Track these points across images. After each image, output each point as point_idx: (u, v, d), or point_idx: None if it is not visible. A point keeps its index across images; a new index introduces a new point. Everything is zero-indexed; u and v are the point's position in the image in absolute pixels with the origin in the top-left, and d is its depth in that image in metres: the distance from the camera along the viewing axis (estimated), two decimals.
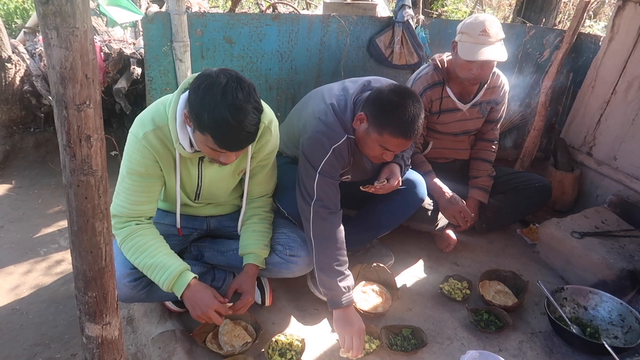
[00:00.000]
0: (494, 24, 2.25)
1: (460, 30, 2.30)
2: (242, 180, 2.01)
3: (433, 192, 2.47)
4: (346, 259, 2.00)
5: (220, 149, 1.57)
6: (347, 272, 1.99)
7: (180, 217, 1.97)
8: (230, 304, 1.85)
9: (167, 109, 1.68)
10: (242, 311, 1.90)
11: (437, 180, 2.50)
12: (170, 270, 1.72)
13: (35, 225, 2.97)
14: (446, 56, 2.49)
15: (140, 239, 1.75)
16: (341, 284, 1.95)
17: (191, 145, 1.69)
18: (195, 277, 1.78)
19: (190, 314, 1.78)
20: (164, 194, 1.91)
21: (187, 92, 1.65)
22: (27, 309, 2.28)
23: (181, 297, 1.76)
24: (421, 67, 2.57)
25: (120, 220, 1.77)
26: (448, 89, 2.47)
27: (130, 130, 1.72)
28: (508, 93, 2.62)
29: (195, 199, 1.96)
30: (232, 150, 1.61)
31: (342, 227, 2.01)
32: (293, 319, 2.10)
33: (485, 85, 2.48)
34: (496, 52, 2.24)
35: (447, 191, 2.47)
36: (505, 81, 2.56)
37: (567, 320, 2.04)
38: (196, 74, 1.68)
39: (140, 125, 1.69)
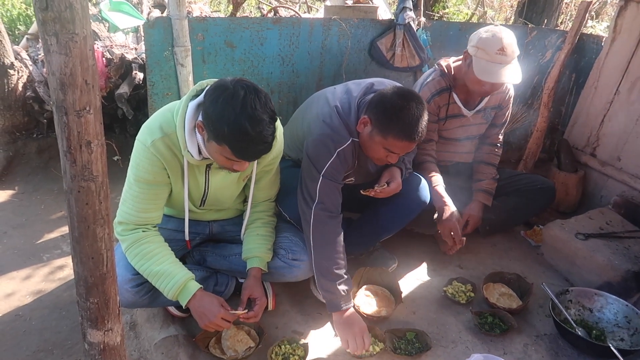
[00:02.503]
0: (511, 41, 2.21)
1: (477, 44, 2.24)
2: (245, 186, 2.01)
3: (436, 200, 2.42)
4: (345, 262, 2.00)
5: (237, 158, 1.59)
6: (346, 275, 1.99)
7: (182, 223, 1.97)
8: (245, 311, 1.85)
9: (174, 116, 1.68)
10: (258, 318, 1.89)
11: (442, 191, 2.44)
12: (175, 279, 1.72)
13: (38, 231, 2.97)
14: (452, 61, 2.46)
15: (147, 246, 1.75)
16: (340, 288, 1.94)
17: (199, 152, 1.69)
18: (200, 288, 1.78)
19: (198, 324, 1.78)
20: (169, 201, 1.90)
21: (197, 100, 1.65)
22: (30, 315, 2.28)
23: (186, 306, 1.76)
24: (427, 72, 2.55)
25: (127, 227, 1.76)
26: (454, 95, 2.45)
27: (137, 138, 1.72)
28: (513, 98, 2.60)
29: (200, 206, 1.96)
30: (249, 160, 1.66)
31: (342, 231, 2.01)
32: (296, 323, 2.09)
33: None
34: (513, 73, 2.22)
35: (450, 205, 2.41)
36: (510, 86, 2.53)
37: (573, 322, 2.03)
38: (205, 83, 1.70)
39: (148, 133, 1.69)
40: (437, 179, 2.46)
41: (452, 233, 2.40)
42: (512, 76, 2.22)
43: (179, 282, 1.73)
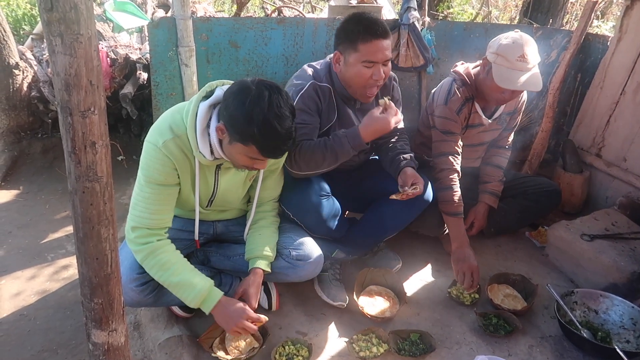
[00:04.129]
0: (532, 48, 2.17)
1: (497, 51, 2.19)
2: (250, 186, 2.02)
3: (454, 237, 2.35)
4: (318, 139, 2.02)
5: (263, 157, 1.63)
6: (327, 139, 2.00)
7: (187, 222, 1.98)
8: (266, 319, 1.87)
9: (184, 118, 1.69)
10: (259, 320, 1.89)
11: (462, 226, 2.38)
12: (198, 288, 1.74)
13: (43, 230, 2.98)
14: (472, 67, 2.39)
15: (163, 256, 1.75)
16: (341, 135, 1.98)
17: (211, 153, 1.71)
18: (223, 294, 1.80)
19: (225, 329, 1.79)
20: (177, 201, 1.90)
21: (208, 101, 1.66)
22: (35, 315, 2.29)
23: (210, 312, 1.78)
24: (447, 83, 2.43)
25: (142, 233, 1.74)
26: (476, 105, 2.41)
27: (147, 140, 1.71)
28: (527, 104, 2.57)
29: (207, 206, 1.97)
30: (276, 157, 1.70)
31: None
32: (300, 324, 2.09)
33: None
34: (533, 80, 2.16)
35: (467, 245, 2.33)
36: (524, 91, 2.50)
37: (578, 324, 2.02)
38: (214, 84, 1.71)
39: (158, 134, 1.69)
40: (462, 210, 2.37)
41: (471, 274, 2.25)
42: (532, 83, 2.16)
43: (202, 291, 1.74)
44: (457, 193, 2.35)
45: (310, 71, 2.12)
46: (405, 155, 2.20)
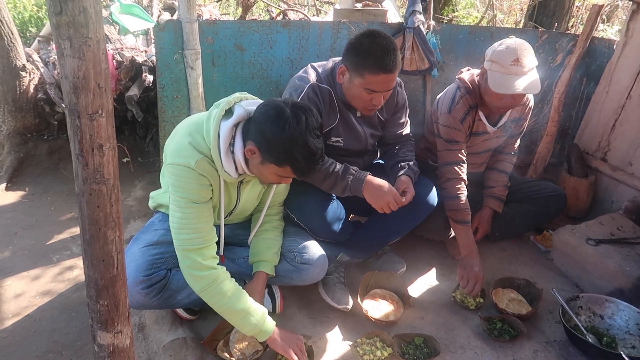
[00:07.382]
0: (527, 52, 2.14)
1: (490, 58, 2.19)
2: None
3: (464, 244, 2.36)
4: (330, 160, 2.08)
5: (295, 175, 1.69)
6: (338, 165, 2.06)
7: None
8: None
9: (205, 138, 1.69)
10: None
11: (471, 234, 2.38)
12: (258, 318, 1.78)
13: (48, 232, 2.99)
14: (476, 74, 2.38)
15: (226, 283, 1.75)
16: (349, 172, 2.05)
17: (235, 170, 1.73)
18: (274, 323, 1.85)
19: (285, 349, 1.80)
20: None
21: (231, 121, 1.67)
22: (40, 316, 2.29)
23: (266, 341, 1.83)
24: (451, 90, 2.42)
25: (200, 257, 1.71)
26: (480, 113, 2.39)
27: (172, 163, 1.68)
28: (533, 109, 2.56)
29: (226, 217, 1.98)
30: (308, 176, 1.77)
31: None
32: (304, 327, 2.09)
33: None
34: (530, 83, 2.13)
35: (476, 253, 2.34)
36: (530, 97, 2.48)
37: (583, 329, 2.01)
38: (232, 101, 1.72)
39: (186, 156, 1.67)
40: (470, 218, 2.37)
41: (475, 281, 2.26)
42: (529, 86, 2.13)
43: (259, 321, 1.78)
44: (465, 202, 2.35)
45: (312, 73, 2.12)
46: (403, 164, 2.20)
